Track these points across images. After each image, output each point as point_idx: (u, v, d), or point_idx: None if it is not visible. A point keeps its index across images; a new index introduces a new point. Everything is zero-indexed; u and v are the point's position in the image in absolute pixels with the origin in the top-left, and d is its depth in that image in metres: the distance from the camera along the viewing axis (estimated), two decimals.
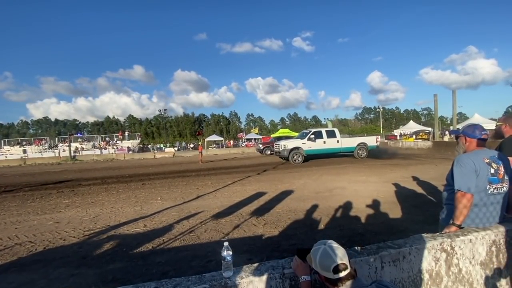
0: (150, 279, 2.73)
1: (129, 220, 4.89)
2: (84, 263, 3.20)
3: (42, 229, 4.57)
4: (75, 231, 4.39)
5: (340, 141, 14.13)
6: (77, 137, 43.48)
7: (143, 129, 75.55)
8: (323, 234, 3.79)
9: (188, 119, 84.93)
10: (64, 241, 3.95)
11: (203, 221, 4.59)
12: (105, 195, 7.41)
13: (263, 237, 3.83)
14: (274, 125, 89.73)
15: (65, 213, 5.59)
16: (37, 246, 3.78)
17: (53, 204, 6.59)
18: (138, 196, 7.02)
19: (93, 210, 5.77)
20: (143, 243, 3.73)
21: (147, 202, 6.28)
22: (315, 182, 7.91)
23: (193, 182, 9.13)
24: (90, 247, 3.67)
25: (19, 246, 3.81)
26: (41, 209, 6.04)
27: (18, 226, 4.78)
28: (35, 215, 5.53)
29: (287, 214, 4.83)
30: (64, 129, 70.94)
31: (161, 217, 4.98)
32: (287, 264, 1.49)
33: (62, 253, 3.54)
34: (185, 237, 3.89)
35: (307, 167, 11.81)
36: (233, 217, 4.77)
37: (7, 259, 3.40)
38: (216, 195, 6.74)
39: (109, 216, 5.19)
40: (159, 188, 8.15)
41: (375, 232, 3.79)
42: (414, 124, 45.65)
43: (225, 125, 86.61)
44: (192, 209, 5.45)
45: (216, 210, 5.24)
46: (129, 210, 5.65)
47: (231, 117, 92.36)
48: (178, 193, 7.20)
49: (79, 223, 4.81)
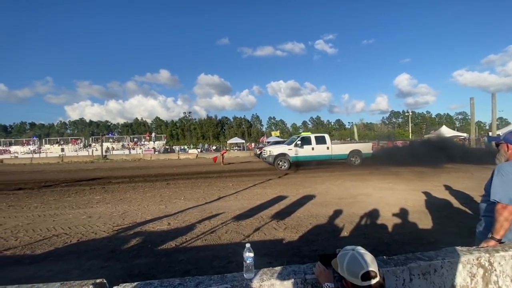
0: (173, 275, 2.82)
1: (154, 218, 5.09)
2: (113, 256, 3.38)
3: (76, 222, 4.91)
4: (105, 226, 4.65)
5: (330, 147, 13.55)
6: (108, 138, 46.16)
7: (169, 131, 78.45)
8: (346, 242, 3.67)
9: (211, 122, 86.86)
10: (95, 235, 4.20)
11: (224, 222, 4.65)
12: (132, 193, 7.79)
13: (283, 241, 3.79)
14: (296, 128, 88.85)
15: (97, 209, 5.95)
16: (72, 238, 4.06)
17: (86, 199, 7.05)
18: (163, 195, 7.29)
19: (122, 206, 6.08)
20: (166, 240, 3.86)
21: (171, 201, 6.50)
22: (338, 188, 7.70)
23: (215, 183, 9.29)
24: (118, 242, 3.87)
25: (56, 238, 4.12)
26: (75, 204, 6.49)
27: (56, 219, 5.17)
28: (70, 209, 5.95)
29: (308, 219, 4.75)
30: (97, 129, 75.72)
31: (184, 216, 5.12)
32: (309, 270, 1.47)
33: (93, 246, 3.77)
34: (207, 237, 3.97)
35: (330, 172, 11.54)
36: (253, 219, 4.78)
37: (46, 249, 3.69)
38: (237, 197, 6.80)
39: (136, 213, 5.44)
40: (182, 188, 8.40)
41: (402, 242, 3.60)
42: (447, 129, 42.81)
43: (246, 127, 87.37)
44: (213, 209, 5.55)
45: (237, 212, 5.29)
46: (154, 208, 5.88)
47: (253, 120, 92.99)
48: (201, 194, 7.37)
49: (109, 219, 5.09)
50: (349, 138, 52.96)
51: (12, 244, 3.86)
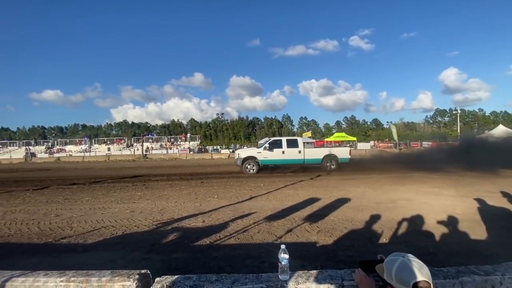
0: (208, 271, 2.91)
1: (190, 214, 5.32)
2: (153, 249, 3.60)
3: (121, 216, 5.33)
4: (146, 220, 4.98)
5: (302, 151, 12.90)
6: (148, 138, 49.41)
7: (203, 132, 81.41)
8: (386, 249, 3.46)
9: (242, 123, 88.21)
10: (137, 228, 4.52)
11: (256, 222, 4.68)
12: (170, 191, 8.23)
13: (316, 244, 3.70)
14: (329, 129, 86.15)
15: (138, 204, 6.40)
16: (118, 231, 4.42)
17: (129, 195, 7.62)
18: (198, 193, 7.58)
19: (160, 203, 6.46)
20: (201, 237, 4.00)
21: (205, 199, 6.73)
22: (376, 192, 7.28)
23: (247, 183, 9.41)
24: (158, 236, 4.11)
25: (104, 229, 4.52)
26: (120, 199, 7.05)
27: (104, 212, 5.68)
28: (116, 204, 6.49)
29: (343, 223, 4.57)
30: (138, 130, 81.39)
31: (217, 215, 5.27)
32: (347, 276, 1.41)
33: (136, 238, 4.05)
34: (240, 236, 4.03)
35: (366, 175, 10.97)
36: (285, 220, 4.74)
37: (95, 239, 4.06)
38: (268, 198, 6.81)
39: (173, 210, 5.74)
40: (215, 187, 8.65)
41: (451, 253, 3.28)
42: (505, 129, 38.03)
43: (277, 128, 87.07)
44: (245, 209, 5.62)
45: (268, 212, 5.29)
46: (189, 205, 6.14)
47: (284, 121, 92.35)
48: (233, 193, 7.52)
49: (149, 214, 5.44)
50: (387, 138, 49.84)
51: (68, 234, 4.33)
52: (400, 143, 40.19)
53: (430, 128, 77.41)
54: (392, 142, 42.80)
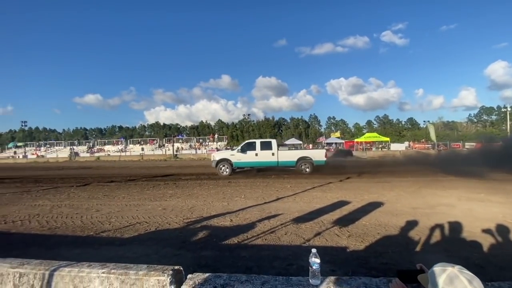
0: (236, 271, 2.94)
1: (218, 213, 5.43)
2: (184, 246, 3.74)
3: (154, 213, 5.60)
4: (177, 217, 5.18)
5: (276, 154, 12.70)
6: (178, 139, 51.49)
7: (229, 132, 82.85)
8: (424, 258, 3.22)
9: (268, 123, 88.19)
10: (169, 225, 4.72)
11: (283, 224, 4.64)
12: (199, 190, 8.49)
13: (347, 249, 3.56)
14: (359, 129, 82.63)
15: (170, 202, 6.68)
16: (151, 227, 4.66)
17: (161, 193, 7.99)
18: (225, 193, 7.72)
19: (190, 201, 6.68)
20: (229, 236, 4.06)
21: (233, 199, 6.83)
22: (412, 196, 6.83)
23: (273, 184, 9.37)
24: (188, 233, 4.26)
25: (139, 225, 4.78)
26: (153, 197, 7.42)
27: (138, 209, 6.01)
28: (149, 201, 6.84)
29: (375, 228, 4.35)
30: (169, 131, 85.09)
31: (244, 214, 5.31)
32: (383, 285, 1.33)
33: (167, 235, 4.23)
34: (267, 237, 4.02)
35: (401, 178, 10.35)
36: (313, 223, 4.63)
37: (131, 234, 4.32)
38: (295, 199, 6.71)
39: (202, 208, 5.90)
40: (242, 187, 8.74)
41: (501, 266, 2.96)
42: None
43: (304, 128, 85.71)
44: (272, 210, 5.59)
45: (295, 214, 5.21)
46: (218, 204, 6.27)
47: (311, 121, 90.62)
48: (259, 193, 7.54)
49: (180, 211, 5.65)
50: (424, 139, 46.47)
51: (107, 228, 4.65)
52: (439, 144, 37.30)
53: (474, 128, 70.84)
54: (430, 142, 39.85)
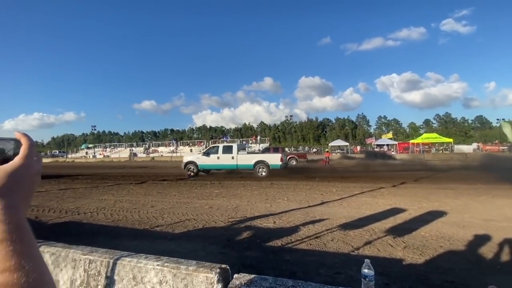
0: (280, 274, 2.90)
1: (261, 214, 5.45)
2: (229, 245, 3.83)
3: (201, 211, 5.88)
4: (222, 216, 5.36)
5: (235, 157, 13.32)
6: (223, 141, 53.52)
7: (272, 134, 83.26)
8: (500, 279, 2.73)
9: (311, 124, 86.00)
10: (215, 223, 4.90)
11: (329, 229, 4.43)
12: (242, 190, 8.66)
13: (402, 262, 3.22)
14: (415, 129, 75.01)
15: (216, 201, 6.95)
16: (199, 224, 4.89)
17: (208, 192, 8.37)
18: (268, 194, 7.72)
19: (234, 201, 6.85)
20: (273, 238, 4.03)
21: (275, 201, 6.79)
22: (483, 206, 5.91)
23: (317, 187, 9.06)
24: (232, 233, 4.36)
25: (188, 222, 5.07)
26: (200, 195, 7.82)
27: (188, 206, 6.39)
28: (197, 199, 7.22)
29: (437, 240, 3.86)
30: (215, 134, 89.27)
31: (288, 217, 5.23)
32: None
33: (214, 232, 4.40)
34: (312, 242, 3.88)
35: (469, 184, 9.05)
36: (363, 231, 4.32)
37: (181, 230, 4.60)
38: (342, 204, 6.37)
39: (245, 209, 6.00)
40: (285, 189, 8.65)
41: None
42: None
43: (350, 129, 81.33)
44: (317, 214, 5.39)
45: (343, 220, 4.93)
46: (261, 205, 6.31)
47: (358, 121, 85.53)
48: (303, 196, 7.35)
49: (225, 211, 5.83)
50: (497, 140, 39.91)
51: (160, 223, 5.04)
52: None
53: None
54: (506, 144, 34.05)
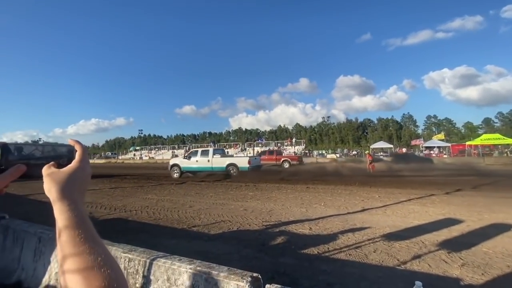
0: (316, 285, 2.74)
1: (296, 219, 5.29)
2: (263, 249, 3.76)
3: (236, 213, 5.92)
4: (256, 219, 5.32)
5: (210, 160, 14.61)
6: (258, 143, 54.05)
7: (307, 136, 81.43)
8: None
9: (351, 125, 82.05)
10: (249, 226, 4.88)
11: (371, 239, 4.10)
12: (277, 193, 8.55)
13: (460, 282, 2.81)
14: (472, 129, 66.71)
15: (250, 203, 6.96)
16: (233, 226, 4.92)
17: (243, 194, 8.44)
18: (304, 199, 7.49)
19: (269, 204, 6.78)
20: (308, 245, 3.86)
21: (311, 206, 6.54)
22: None
23: (357, 192, 8.53)
24: (266, 237, 4.28)
25: (223, 223, 5.13)
26: (235, 197, 7.91)
27: (223, 208, 6.50)
28: (232, 201, 7.31)
29: (503, 259, 3.30)
30: (250, 136, 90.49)
31: (325, 223, 4.98)
32: None
33: (248, 235, 4.37)
34: (351, 252, 3.62)
35: None
36: (410, 243, 3.90)
37: (216, 231, 4.66)
38: (385, 212, 5.87)
39: (280, 212, 5.88)
40: (322, 194, 8.31)
41: None
42: None
43: (395, 130, 75.70)
44: (357, 222, 5.05)
45: (387, 230, 4.53)
46: (296, 210, 6.13)
47: (404, 121, 79.22)
48: (342, 202, 6.97)
49: (259, 214, 5.79)
50: None
51: (197, 223, 5.18)
52: None
53: None
54: None
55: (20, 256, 2.58)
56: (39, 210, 6.77)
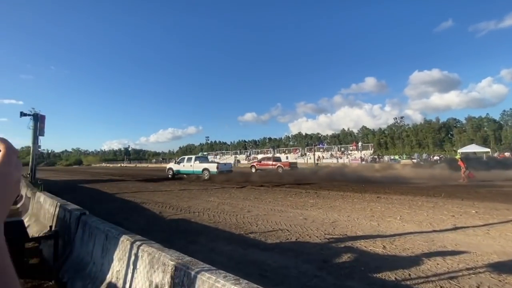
0: None
1: (365, 234, 4.57)
2: (325, 267, 3.28)
3: (295, 221, 5.53)
4: (317, 231, 4.82)
5: (192, 165, 17.89)
6: (319, 148, 51.93)
7: (376, 140, 74.25)
8: None
9: (430, 126, 71.14)
10: (309, 238, 4.43)
11: (471, 268, 3.16)
12: (341, 202, 7.76)
13: None
14: None
15: (310, 212, 6.45)
16: (292, 236, 4.55)
17: (303, 202, 7.95)
18: (374, 210, 6.55)
19: (332, 214, 6.14)
20: (383, 268, 3.20)
21: (384, 219, 5.63)
22: None
23: (444, 205, 7.03)
24: (330, 252, 3.77)
25: (281, 232, 4.81)
26: (295, 204, 7.49)
27: (281, 215, 6.18)
28: (291, 208, 6.92)
29: None
30: (310, 141, 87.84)
31: (403, 242, 4.14)
32: None
33: (308, 249, 3.94)
34: (442, 283, 2.82)
35: None
36: None
37: (273, 240, 4.37)
38: (489, 233, 4.57)
39: (345, 225, 5.22)
40: (397, 205, 7.14)
41: None
42: None
43: (491, 131, 62.29)
44: (448, 244, 4.03)
45: (493, 258, 3.46)
46: (364, 223, 5.36)
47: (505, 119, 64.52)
48: (424, 217, 5.81)
49: (321, 224, 5.26)
50: None
51: (254, 229, 5.00)
52: None
53: None
54: None
55: (92, 250, 2.80)
56: (121, 207, 7.75)
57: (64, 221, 3.64)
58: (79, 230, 3.15)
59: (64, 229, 3.54)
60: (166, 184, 14.38)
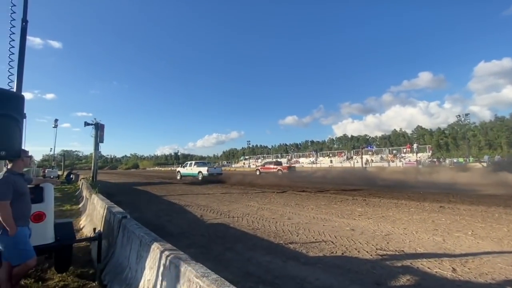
0: None
1: (427, 252, 3.87)
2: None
3: (341, 232, 5.00)
4: (368, 245, 4.25)
5: (192, 169, 22.71)
6: (367, 150, 48.50)
7: (435, 141, 66.43)
8: None
9: (503, 124, 60.91)
10: (358, 253, 3.91)
11: None
12: (395, 212, 6.88)
13: None
14: None
15: (359, 222, 5.81)
16: (337, 249, 4.08)
17: (349, 210, 7.27)
18: (437, 223, 5.62)
19: (384, 226, 5.43)
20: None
21: (451, 234, 4.75)
22: None
23: None
24: (383, 272, 3.23)
25: (324, 243, 4.37)
26: (340, 213, 6.87)
27: (325, 224, 5.69)
28: (336, 217, 6.36)
29: None
30: (357, 143, 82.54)
31: (478, 265, 3.37)
32: None
33: (356, 266, 3.45)
34: None
35: None
36: None
37: (316, 253, 3.96)
38: None
39: (402, 239, 4.52)
40: (466, 217, 6.03)
41: None
42: None
43: None
44: None
45: None
46: (425, 237, 4.58)
47: None
48: (504, 233, 4.75)
49: (371, 237, 4.65)
50: None
51: (294, 239, 4.64)
52: None
53: None
54: None
55: (129, 255, 2.82)
56: (167, 209, 8.09)
57: (109, 223, 3.82)
58: (120, 234, 3.23)
59: (109, 231, 3.71)
60: (209, 187, 14.80)
